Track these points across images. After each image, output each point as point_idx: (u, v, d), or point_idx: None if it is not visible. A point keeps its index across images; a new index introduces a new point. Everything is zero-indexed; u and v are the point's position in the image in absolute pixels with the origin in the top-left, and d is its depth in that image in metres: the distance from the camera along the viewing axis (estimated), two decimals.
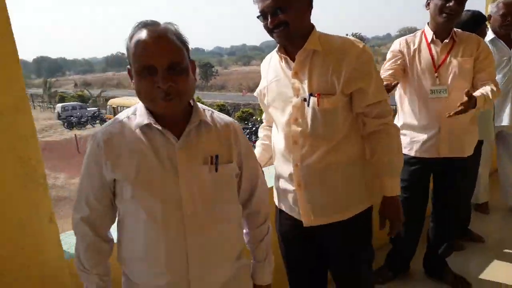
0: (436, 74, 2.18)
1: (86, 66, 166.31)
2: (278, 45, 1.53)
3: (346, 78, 1.42)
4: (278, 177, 1.67)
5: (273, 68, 1.60)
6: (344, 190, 1.54)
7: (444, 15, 2.11)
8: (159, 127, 1.08)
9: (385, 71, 2.22)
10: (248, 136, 26.46)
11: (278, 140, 1.60)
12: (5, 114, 1.29)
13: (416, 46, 2.25)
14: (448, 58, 2.18)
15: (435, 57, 2.20)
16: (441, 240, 2.52)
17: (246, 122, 33.15)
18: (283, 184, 1.63)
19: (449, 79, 2.17)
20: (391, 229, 1.61)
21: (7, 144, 1.30)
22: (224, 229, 1.18)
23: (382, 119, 1.50)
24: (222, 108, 38.39)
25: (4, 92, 1.28)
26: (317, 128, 1.47)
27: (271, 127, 1.82)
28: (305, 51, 1.46)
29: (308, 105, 1.45)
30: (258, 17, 1.43)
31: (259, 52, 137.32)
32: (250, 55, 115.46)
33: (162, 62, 1.01)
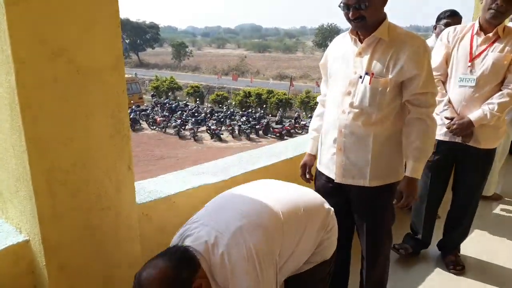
0: (469, 64, 2.35)
1: None
2: (351, 27, 1.79)
3: (401, 66, 1.68)
4: (322, 143, 1.93)
5: (343, 46, 1.86)
6: (375, 161, 1.81)
7: (491, 11, 2.28)
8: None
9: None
10: (222, 120, 26.62)
11: (329, 110, 1.87)
12: (104, 71, 1.46)
13: (461, 34, 2.43)
14: (485, 52, 2.34)
15: (474, 48, 2.36)
16: (457, 223, 2.71)
17: (220, 105, 33.28)
18: (326, 148, 1.91)
19: (480, 72, 2.33)
20: (403, 203, 1.84)
21: (103, 98, 1.48)
22: None
23: (424, 109, 1.75)
24: (196, 90, 38.15)
25: (106, 52, 1.45)
26: (363, 102, 1.74)
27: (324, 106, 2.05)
28: (373, 37, 1.73)
29: (362, 82, 1.72)
30: (339, 5, 1.69)
31: (234, 35, 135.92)
32: (224, 38, 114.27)
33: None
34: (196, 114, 28.17)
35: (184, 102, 33.44)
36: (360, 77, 1.75)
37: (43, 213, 1.41)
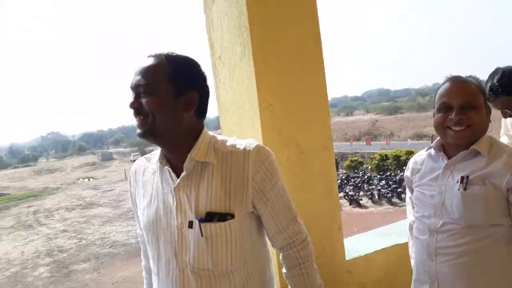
0: None
1: None
2: None
3: None
4: None
5: None
6: None
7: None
8: None
9: None
10: (359, 185, 26.10)
11: None
12: (320, 151, 1.85)
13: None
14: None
15: None
16: None
17: (355, 171, 32.86)
18: None
19: None
20: None
21: (320, 172, 1.85)
22: None
23: None
24: None
25: (320, 136, 1.85)
26: None
27: None
28: None
29: None
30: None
31: (362, 102, 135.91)
32: (352, 106, 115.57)
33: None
34: None
35: None
36: None
37: None
